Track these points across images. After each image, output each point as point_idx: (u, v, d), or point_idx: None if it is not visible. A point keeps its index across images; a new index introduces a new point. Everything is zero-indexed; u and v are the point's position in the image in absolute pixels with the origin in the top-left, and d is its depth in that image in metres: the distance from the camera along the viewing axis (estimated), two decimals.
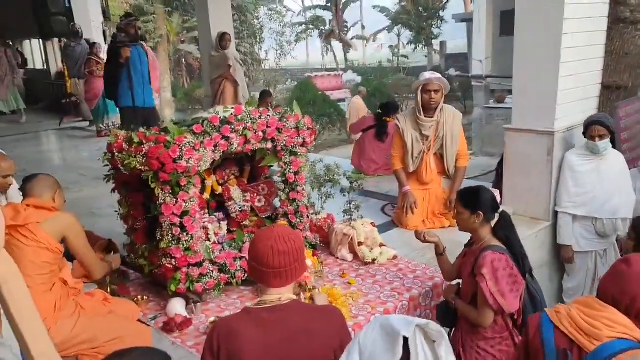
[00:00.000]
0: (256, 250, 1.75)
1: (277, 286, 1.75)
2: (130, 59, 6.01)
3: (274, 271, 1.73)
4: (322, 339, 1.70)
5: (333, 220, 3.89)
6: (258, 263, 1.74)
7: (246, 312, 1.75)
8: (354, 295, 3.08)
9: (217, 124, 2.93)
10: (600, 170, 3.93)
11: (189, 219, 2.87)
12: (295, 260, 1.75)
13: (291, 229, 1.90)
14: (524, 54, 4.07)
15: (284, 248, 1.72)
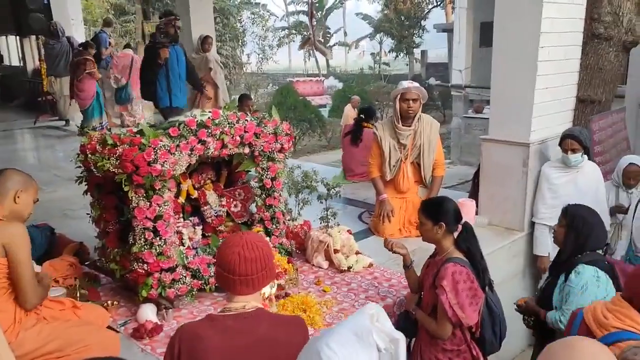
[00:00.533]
0: (223, 257, 1.73)
1: (244, 294, 1.72)
2: (169, 59, 5.88)
3: (241, 278, 1.70)
4: (286, 349, 1.68)
5: (309, 227, 3.88)
6: (225, 270, 1.72)
7: (210, 319, 1.72)
8: (328, 303, 3.07)
9: (194, 127, 2.89)
10: (577, 182, 3.99)
11: (162, 223, 2.83)
12: (263, 268, 1.73)
13: (260, 236, 1.87)
14: (501, 66, 4.12)
15: (251, 255, 1.70)
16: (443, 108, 18.66)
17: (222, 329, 1.66)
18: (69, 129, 9.17)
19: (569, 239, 2.77)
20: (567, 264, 2.77)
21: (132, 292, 3.05)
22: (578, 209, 2.83)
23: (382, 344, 1.29)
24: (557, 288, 2.77)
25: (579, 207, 2.87)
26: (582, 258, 2.71)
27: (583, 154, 3.95)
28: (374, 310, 1.33)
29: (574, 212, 2.79)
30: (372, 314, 1.32)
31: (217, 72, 7.61)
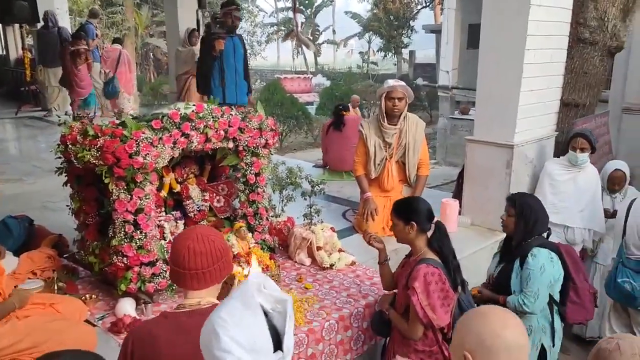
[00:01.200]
0: (174, 251, 1.69)
1: (196, 289, 1.68)
2: (224, 52, 5.41)
3: (191, 273, 1.66)
4: None
5: (293, 224, 3.86)
6: (175, 264, 1.68)
7: (164, 317, 1.69)
8: (309, 300, 3.05)
9: (177, 120, 2.85)
10: (577, 181, 4.08)
11: (143, 216, 2.79)
12: (215, 262, 1.68)
13: (214, 230, 1.82)
14: (487, 67, 4.15)
15: (201, 249, 1.66)
16: (430, 108, 18.74)
17: (175, 326, 1.63)
18: (51, 119, 9.02)
19: (519, 226, 2.90)
20: (518, 249, 2.89)
21: (110, 286, 3.01)
22: (525, 198, 2.99)
23: (268, 305, 1.33)
24: (514, 273, 2.87)
25: (525, 196, 3.04)
26: (532, 242, 2.84)
27: (590, 154, 4.04)
28: (259, 279, 1.37)
29: (522, 201, 2.92)
30: (259, 282, 1.36)
31: None
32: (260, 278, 1.38)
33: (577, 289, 3.11)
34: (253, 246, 3.14)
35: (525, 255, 2.83)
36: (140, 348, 1.60)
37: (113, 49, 9.31)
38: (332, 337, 2.87)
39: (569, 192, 4.08)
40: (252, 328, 1.27)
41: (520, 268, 2.86)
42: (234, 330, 1.27)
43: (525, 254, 2.82)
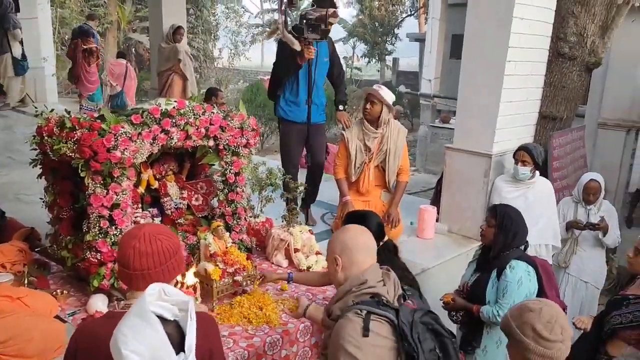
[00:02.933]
0: (120, 250, 1.65)
1: (141, 289, 1.60)
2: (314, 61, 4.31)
3: (136, 273, 1.61)
4: None
5: (271, 225, 3.84)
6: (121, 264, 1.64)
7: (109, 316, 1.65)
8: (285, 302, 3.04)
9: (158, 116, 2.82)
10: (527, 197, 4.09)
11: (119, 212, 2.75)
12: (162, 262, 1.63)
13: (164, 228, 1.76)
14: (469, 77, 4.20)
15: (147, 249, 1.61)
16: (411, 116, 18.89)
17: None
18: (27, 110, 8.83)
19: (498, 237, 2.91)
20: (496, 260, 2.91)
21: (83, 282, 2.96)
22: (506, 209, 2.99)
23: (169, 312, 1.38)
24: (490, 283, 2.89)
25: (507, 207, 3.04)
26: (510, 254, 2.86)
27: (532, 170, 4.05)
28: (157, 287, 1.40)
29: (503, 213, 2.94)
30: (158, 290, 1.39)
31: (186, 64, 7.50)
32: (157, 287, 1.39)
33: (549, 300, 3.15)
34: (230, 246, 3.12)
35: (502, 267, 2.85)
36: (83, 348, 1.57)
37: (119, 64, 9.51)
38: (307, 340, 2.87)
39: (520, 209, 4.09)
40: (151, 339, 1.31)
41: (496, 279, 2.89)
42: (133, 344, 1.31)
43: (503, 265, 2.84)
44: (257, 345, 2.58)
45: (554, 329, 1.67)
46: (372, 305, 1.73)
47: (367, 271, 1.86)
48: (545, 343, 1.67)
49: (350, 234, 1.97)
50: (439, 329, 1.81)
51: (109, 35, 17.86)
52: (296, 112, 4.42)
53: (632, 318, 2.67)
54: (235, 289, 3.00)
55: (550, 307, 1.73)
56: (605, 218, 4.38)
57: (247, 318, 2.80)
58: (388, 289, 1.83)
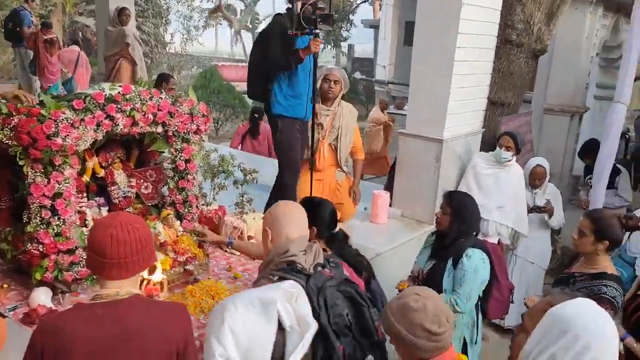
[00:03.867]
0: (95, 239, 1.60)
1: (115, 278, 1.61)
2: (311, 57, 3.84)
3: (113, 262, 1.58)
4: (162, 338, 1.59)
5: (224, 213, 3.79)
6: (96, 252, 1.59)
7: (77, 308, 1.60)
8: (239, 290, 3.01)
9: (102, 101, 2.71)
10: (499, 177, 4.23)
11: (62, 201, 2.63)
12: (139, 251, 1.61)
13: (138, 217, 1.74)
14: (420, 63, 4.24)
15: (125, 237, 1.58)
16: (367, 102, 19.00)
17: (90, 318, 1.54)
18: None
19: (453, 225, 2.94)
20: (451, 248, 2.94)
21: (25, 275, 2.82)
22: (462, 197, 3.05)
23: (287, 321, 1.28)
24: (447, 272, 2.92)
25: (462, 195, 3.10)
26: (466, 242, 2.89)
27: (514, 155, 4.20)
28: (294, 290, 1.32)
29: (458, 200, 2.98)
30: (292, 293, 1.32)
31: (134, 48, 7.25)
32: (295, 288, 1.31)
33: (500, 286, 3.19)
34: (181, 234, 3.05)
35: (459, 256, 2.87)
36: (51, 344, 1.50)
37: (71, 51, 9.34)
38: None
39: (489, 187, 4.24)
40: (258, 333, 1.22)
41: (453, 267, 2.91)
42: (237, 324, 1.22)
43: (459, 254, 2.87)
44: None
45: (441, 320, 1.65)
46: (286, 271, 1.77)
47: (291, 242, 1.94)
48: (437, 337, 1.64)
49: (281, 208, 2.11)
50: (357, 297, 1.83)
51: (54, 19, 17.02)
52: (298, 108, 3.96)
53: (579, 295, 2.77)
54: (186, 279, 2.95)
55: (430, 300, 1.68)
56: (551, 201, 4.56)
57: (200, 307, 2.76)
58: (307, 258, 1.88)
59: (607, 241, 2.75)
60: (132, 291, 1.64)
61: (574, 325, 1.35)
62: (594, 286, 2.71)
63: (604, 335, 1.35)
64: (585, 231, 2.77)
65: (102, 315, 1.55)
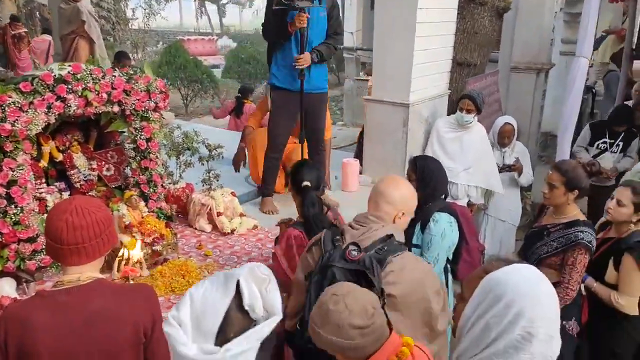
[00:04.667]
0: (50, 226, 1.56)
1: (75, 264, 1.57)
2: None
3: (71, 248, 1.54)
4: (126, 320, 1.57)
5: (192, 190, 3.73)
6: (52, 239, 1.55)
7: (39, 297, 1.56)
8: (209, 267, 2.99)
9: (51, 82, 2.61)
10: (463, 140, 4.23)
11: (17, 189, 2.56)
12: (97, 235, 1.58)
13: (94, 200, 1.70)
14: (382, 27, 4.18)
15: (81, 222, 1.54)
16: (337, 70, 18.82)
17: (52, 306, 1.51)
18: None
19: (419, 190, 2.89)
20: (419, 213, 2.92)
21: None
22: (425, 161, 3.01)
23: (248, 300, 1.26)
24: (415, 236, 2.91)
25: (426, 159, 3.06)
26: (432, 207, 2.86)
27: (475, 116, 4.18)
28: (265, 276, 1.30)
29: (422, 165, 2.95)
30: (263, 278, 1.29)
31: (91, 26, 6.96)
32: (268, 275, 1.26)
33: (469, 248, 3.15)
34: (146, 215, 2.99)
35: (426, 220, 2.85)
36: (15, 335, 1.47)
37: (42, 40, 9.28)
38: None
39: (454, 151, 4.24)
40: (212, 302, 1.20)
41: (421, 232, 2.89)
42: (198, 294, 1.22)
43: (427, 218, 2.84)
44: None
45: (368, 310, 1.51)
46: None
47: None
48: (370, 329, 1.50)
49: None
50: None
51: None
52: (289, 79, 3.76)
53: (556, 245, 2.84)
54: (155, 259, 2.91)
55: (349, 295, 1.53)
56: (519, 159, 4.60)
57: (170, 287, 2.73)
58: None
59: (577, 190, 2.83)
60: (94, 275, 1.61)
61: (506, 292, 1.27)
62: (570, 234, 2.80)
63: (539, 301, 1.26)
64: (556, 184, 2.83)
65: (64, 303, 1.52)
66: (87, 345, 1.52)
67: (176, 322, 1.22)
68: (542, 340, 1.24)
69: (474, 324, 1.32)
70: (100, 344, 1.53)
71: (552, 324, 1.28)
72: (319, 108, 3.91)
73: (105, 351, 1.54)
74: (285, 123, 3.88)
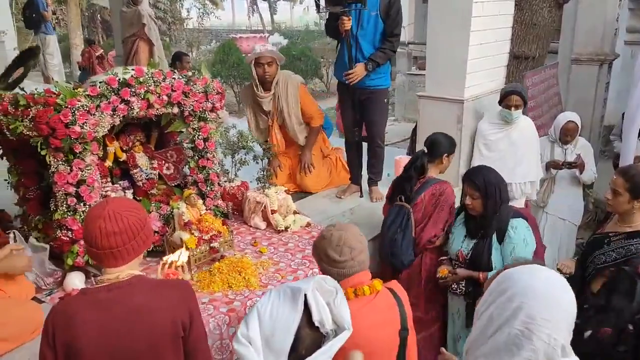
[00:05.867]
0: (86, 230, 1.62)
1: (112, 266, 1.63)
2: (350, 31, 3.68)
3: (106, 252, 1.60)
4: (165, 314, 1.62)
5: (247, 188, 3.81)
6: (88, 243, 1.62)
7: (83, 294, 1.64)
8: (264, 264, 3.05)
9: (116, 86, 2.73)
10: (511, 137, 4.06)
11: (86, 188, 2.69)
12: (131, 239, 1.62)
13: (129, 203, 1.73)
14: (436, 21, 4.11)
15: (114, 228, 1.58)
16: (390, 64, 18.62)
17: (94, 302, 1.58)
18: None
19: (488, 205, 2.83)
20: (492, 224, 2.83)
21: (58, 260, 2.92)
22: (484, 177, 2.87)
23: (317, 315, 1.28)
24: (493, 248, 2.82)
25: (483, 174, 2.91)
26: (502, 214, 2.78)
27: (523, 109, 4.03)
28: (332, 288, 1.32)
29: (483, 181, 2.84)
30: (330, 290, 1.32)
31: (151, 28, 7.20)
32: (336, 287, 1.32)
33: (537, 251, 3.05)
34: (204, 213, 3.09)
35: (502, 229, 2.78)
36: (59, 328, 1.56)
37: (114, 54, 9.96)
38: None
39: (504, 150, 4.06)
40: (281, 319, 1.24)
41: (498, 242, 2.83)
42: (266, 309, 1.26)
43: (503, 227, 2.78)
44: (238, 309, 2.59)
45: (343, 250, 1.87)
46: None
47: None
48: (339, 264, 1.87)
49: None
50: None
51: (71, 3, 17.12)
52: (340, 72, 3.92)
53: (615, 256, 2.63)
54: (213, 256, 2.99)
55: (340, 232, 1.91)
56: (582, 155, 4.42)
57: (227, 283, 2.80)
58: None
59: None
60: (132, 272, 1.66)
61: (511, 286, 1.30)
62: (630, 245, 2.59)
63: (545, 302, 1.25)
64: (620, 190, 2.63)
65: (105, 299, 1.58)
66: (129, 340, 1.58)
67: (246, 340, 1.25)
68: (545, 342, 1.23)
69: (482, 314, 1.37)
70: (141, 338, 1.59)
71: (560, 331, 1.25)
72: (375, 104, 3.93)
73: (147, 345, 1.59)
74: (347, 116, 4.04)
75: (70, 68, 14.63)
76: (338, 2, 3.55)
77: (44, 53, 9.22)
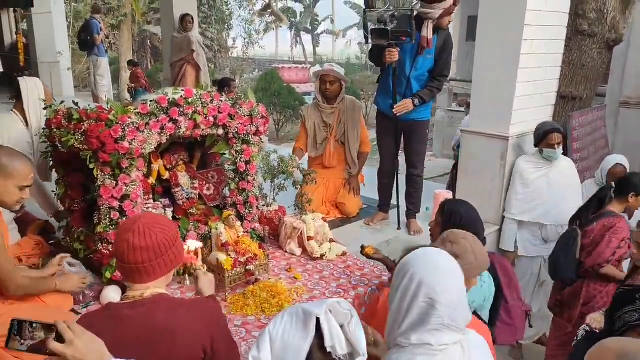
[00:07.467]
0: (115, 242, 1.61)
1: (137, 282, 1.61)
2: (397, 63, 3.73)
3: (132, 267, 1.58)
4: (188, 336, 1.58)
5: (284, 213, 3.81)
6: (117, 257, 1.61)
7: (107, 308, 1.62)
8: (298, 290, 3.01)
9: (165, 105, 2.80)
10: (550, 177, 3.97)
11: (129, 203, 2.74)
12: (157, 257, 1.59)
13: (161, 219, 1.70)
14: (484, 58, 4.08)
15: (141, 243, 1.56)
16: None
17: (117, 319, 1.55)
18: None
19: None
20: None
21: (96, 273, 2.96)
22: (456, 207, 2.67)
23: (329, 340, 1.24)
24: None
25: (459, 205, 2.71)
26: None
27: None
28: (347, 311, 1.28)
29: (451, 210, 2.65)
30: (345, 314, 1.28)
31: (199, 54, 7.47)
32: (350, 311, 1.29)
33: (509, 308, 2.81)
34: (242, 235, 3.09)
35: None
36: None
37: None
38: None
39: (542, 189, 3.96)
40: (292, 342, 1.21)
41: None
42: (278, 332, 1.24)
43: None
44: None
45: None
46: None
47: None
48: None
49: None
50: None
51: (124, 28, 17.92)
52: (386, 105, 3.92)
53: None
54: (247, 279, 2.98)
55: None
56: None
57: (261, 307, 2.78)
58: None
59: None
60: (157, 291, 1.64)
61: (411, 267, 1.49)
62: None
63: (437, 272, 1.47)
64: None
65: (127, 316, 1.56)
66: (147, 358, 1.54)
67: None
68: (446, 306, 1.43)
69: (394, 298, 1.52)
70: (160, 357, 1.55)
71: (454, 294, 1.47)
72: (417, 135, 4.04)
73: None
74: (386, 145, 4.13)
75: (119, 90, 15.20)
76: (384, 34, 3.59)
77: (95, 74, 9.63)
